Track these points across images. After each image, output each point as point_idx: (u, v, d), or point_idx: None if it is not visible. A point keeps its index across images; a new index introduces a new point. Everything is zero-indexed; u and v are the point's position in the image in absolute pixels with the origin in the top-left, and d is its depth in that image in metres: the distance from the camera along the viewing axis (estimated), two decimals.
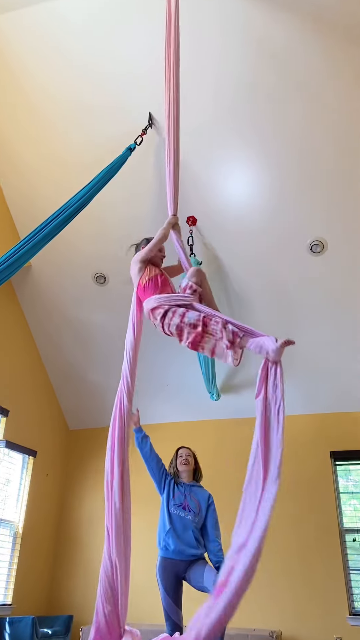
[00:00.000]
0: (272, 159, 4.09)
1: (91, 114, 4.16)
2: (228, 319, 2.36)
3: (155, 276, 2.77)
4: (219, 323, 2.33)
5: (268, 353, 2.20)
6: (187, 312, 2.46)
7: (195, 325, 2.37)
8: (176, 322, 2.44)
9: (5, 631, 4.24)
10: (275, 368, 2.26)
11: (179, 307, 2.50)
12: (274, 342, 2.19)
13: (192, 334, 2.37)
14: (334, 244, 4.31)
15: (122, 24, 3.76)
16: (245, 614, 4.36)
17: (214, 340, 2.32)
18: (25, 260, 3.14)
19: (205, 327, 2.35)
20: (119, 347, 5.33)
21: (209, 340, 2.33)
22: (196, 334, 2.36)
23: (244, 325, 2.34)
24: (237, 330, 2.30)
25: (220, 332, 2.30)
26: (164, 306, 2.54)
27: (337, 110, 3.79)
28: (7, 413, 4.85)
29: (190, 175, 4.19)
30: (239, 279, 4.67)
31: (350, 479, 4.96)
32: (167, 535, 3.14)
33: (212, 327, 2.34)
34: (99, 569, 2.55)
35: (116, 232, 4.62)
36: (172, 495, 3.27)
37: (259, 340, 2.23)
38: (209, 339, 2.34)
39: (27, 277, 5.07)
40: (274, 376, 2.25)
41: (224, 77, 3.83)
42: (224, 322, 2.34)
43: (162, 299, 2.58)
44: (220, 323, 2.33)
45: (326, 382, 4.94)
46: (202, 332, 2.35)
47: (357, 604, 4.47)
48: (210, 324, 2.35)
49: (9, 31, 3.92)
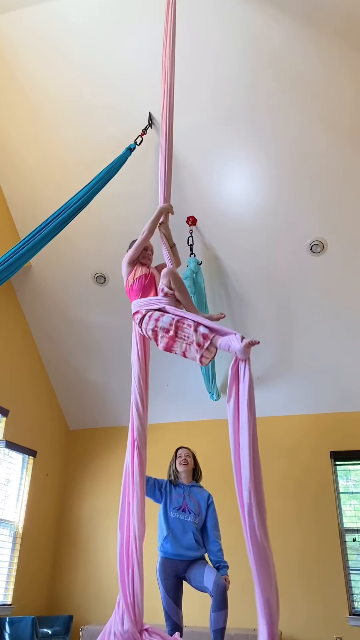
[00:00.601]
0: (272, 159, 4.10)
1: (91, 114, 4.17)
2: (200, 319, 2.37)
3: (140, 277, 2.75)
4: (190, 327, 2.34)
5: (235, 352, 2.21)
6: (161, 316, 2.46)
7: (168, 330, 2.38)
8: (151, 327, 2.45)
9: (5, 631, 4.24)
10: (244, 366, 2.25)
11: (155, 310, 2.50)
12: (239, 342, 2.18)
13: (165, 338, 2.38)
14: (334, 244, 4.31)
15: (122, 24, 3.76)
16: (245, 614, 4.37)
17: (185, 344, 2.33)
18: (25, 260, 3.14)
19: (177, 330, 2.36)
20: (119, 347, 5.36)
21: (181, 343, 2.34)
22: (169, 338, 2.37)
23: (214, 326, 2.34)
24: (207, 333, 2.30)
25: (191, 335, 2.31)
26: (142, 311, 2.55)
27: (336, 110, 3.80)
28: (7, 413, 4.85)
29: (190, 175, 4.20)
30: (238, 279, 4.67)
31: (350, 479, 4.96)
32: (166, 540, 3.14)
33: (184, 331, 2.35)
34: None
35: (116, 232, 4.62)
36: (169, 500, 3.25)
37: (227, 339, 2.23)
38: (180, 343, 2.34)
39: (27, 277, 5.07)
40: (244, 374, 2.25)
41: (222, 78, 3.83)
42: (195, 324, 2.34)
43: (140, 304, 2.60)
44: (192, 326, 2.33)
45: (326, 382, 4.94)
46: (174, 337, 2.36)
47: (357, 604, 4.47)
48: (183, 327, 2.36)
49: (9, 31, 3.92)
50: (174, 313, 2.46)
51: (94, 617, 4.97)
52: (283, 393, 5.12)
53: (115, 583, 5.06)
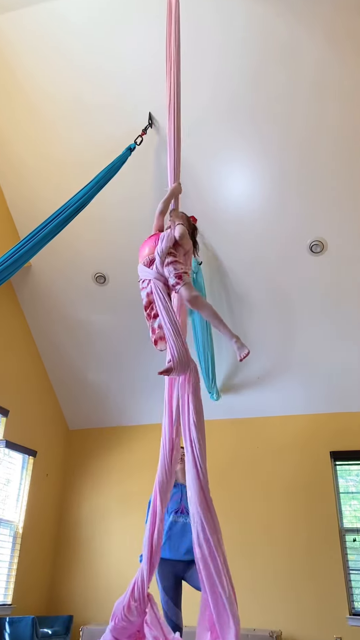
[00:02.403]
0: (272, 159, 4.10)
1: (91, 114, 4.16)
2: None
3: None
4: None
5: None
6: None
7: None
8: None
9: (5, 631, 4.24)
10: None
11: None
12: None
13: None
14: (334, 244, 4.31)
15: (122, 24, 3.76)
16: (245, 614, 4.36)
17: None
18: (25, 260, 3.14)
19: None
20: (119, 347, 5.36)
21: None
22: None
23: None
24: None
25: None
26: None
27: (338, 110, 3.79)
28: (7, 413, 4.85)
29: (190, 175, 4.19)
30: (238, 279, 4.67)
31: (350, 479, 4.96)
32: (164, 546, 3.12)
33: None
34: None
35: (116, 232, 4.62)
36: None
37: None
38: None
39: (27, 277, 5.07)
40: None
41: (224, 78, 3.83)
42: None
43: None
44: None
45: (326, 382, 4.94)
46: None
47: (357, 604, 4.46)
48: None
49: (9, 31, 3.92)
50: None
51: (94, 617, 4.97)
52: (283, 393, 5.12)
53: (115, 583, 5.08)
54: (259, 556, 4.75)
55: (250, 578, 4.62)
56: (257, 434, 5.23)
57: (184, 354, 2.37)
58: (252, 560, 4.71)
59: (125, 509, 5.31)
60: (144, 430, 5.56)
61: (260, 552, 4.77)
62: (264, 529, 4.85)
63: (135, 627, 2.15)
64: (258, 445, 5.18)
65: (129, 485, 5.38)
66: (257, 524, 4.88)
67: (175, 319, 2.50)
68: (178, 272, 2.58)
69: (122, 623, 2.13)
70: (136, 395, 5.57)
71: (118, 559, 5.14)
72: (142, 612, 2.16)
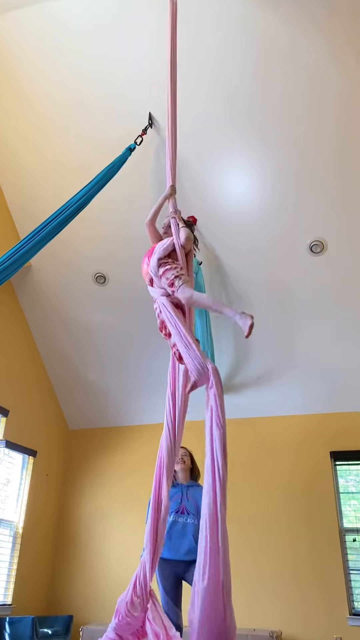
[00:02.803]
0: (272, 159, 4.09)
1: (91, 114, 4.16)
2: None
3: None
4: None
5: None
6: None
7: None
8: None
9: (5, 631, 4.24)
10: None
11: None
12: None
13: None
14: (334, 244, 4.31)
15: (121, 25, 3.76)
16: (245, 614, 4.37)
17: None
18: (25, 260, 3.14)
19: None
20: (119, 347, 5.36)
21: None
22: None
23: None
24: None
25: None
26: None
27: (338, 110, 3.79)
28: (7, 413, 4.85)
29: (190, 175, 4.20)
30: (238, 279, 4.67)
31: (350, 479, 4.96)
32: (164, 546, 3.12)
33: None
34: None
35: (116, 232, 4.62)
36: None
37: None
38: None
39: (27, 277, 5.07)
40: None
41: (223, 77, 3.83)
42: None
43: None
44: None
45: (326, 382, 4.94)
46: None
47: (357, 604, 4.46)
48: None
49: (9, 31, 3.92)
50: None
51: (94, 617, 4.97)
52: (283, 393, 5.12)
53: (115, 583, 5.08)
54: (259, 556, 4.75)
55: (250, 578, 4.62)
56: (257, 434, 5.23)
57: (201, 363, 2.38)
58: (252, 560, 4.71)
59: (125, 509, 5.31)
60: (144, 430, 5.57)
61: (260, 552, 4.77)
62: (263, 529, 4.85)
63: (138, 624, 2.16)
64: (258, 446, 5.18)
65: (129, 485, 5.38)
66: (257, 524, 4.88)
67: (184, 332, 2.48)
68: (170, 279, 2.59)
69: (126, 619, 2.14)
70: (136, 395, 5.58)
71: (118, 559, 5.14)
72: (145, 608, 2.17)
